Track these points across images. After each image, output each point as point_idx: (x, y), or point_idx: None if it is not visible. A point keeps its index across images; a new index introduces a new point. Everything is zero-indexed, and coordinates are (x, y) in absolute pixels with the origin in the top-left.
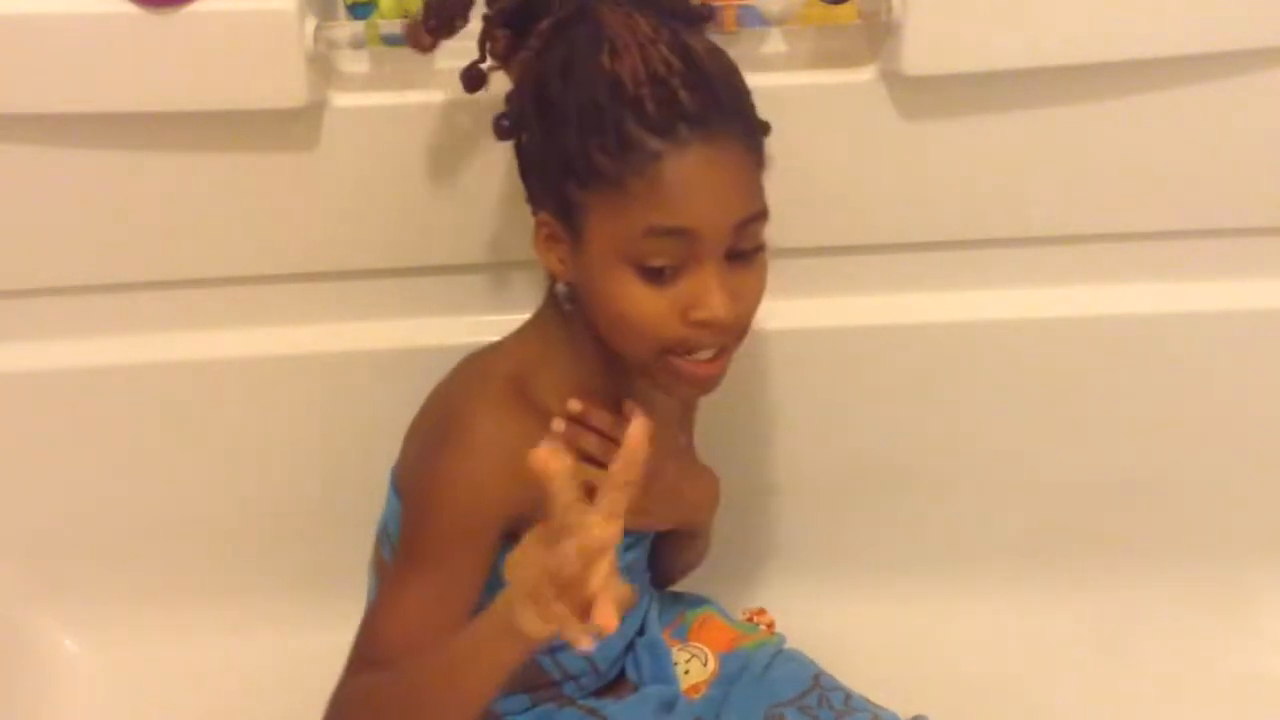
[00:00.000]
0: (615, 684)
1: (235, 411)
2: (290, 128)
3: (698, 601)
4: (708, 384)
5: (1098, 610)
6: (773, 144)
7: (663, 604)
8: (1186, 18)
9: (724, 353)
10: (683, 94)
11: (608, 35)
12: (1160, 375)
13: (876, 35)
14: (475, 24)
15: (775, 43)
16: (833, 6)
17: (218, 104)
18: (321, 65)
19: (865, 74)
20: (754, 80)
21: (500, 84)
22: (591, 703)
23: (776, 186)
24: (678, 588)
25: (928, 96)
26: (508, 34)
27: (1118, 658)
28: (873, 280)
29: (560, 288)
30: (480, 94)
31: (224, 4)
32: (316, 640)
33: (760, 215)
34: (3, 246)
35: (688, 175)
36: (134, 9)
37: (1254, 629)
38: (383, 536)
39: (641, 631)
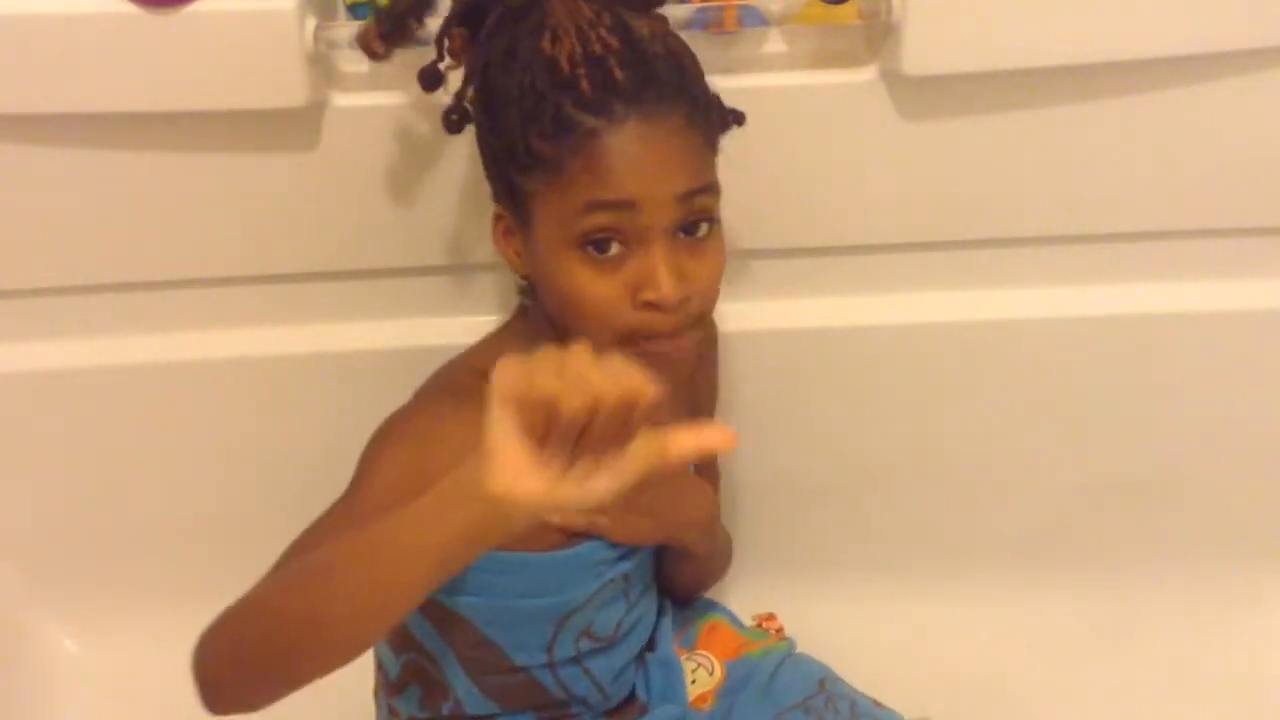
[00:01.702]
0: (624, 705)
1: (235, 411)
2: (290, 128)
3: (706, 608)
4: (677, 367)
5: (1099, 610)
6: (773, 144)
7: (674, 610)
8: (1186, 18)
9: (682, 333)
10: (618, 72)
11: (550, 23)
12: (1160, 375)
13: (876, 35)
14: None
15: (775, 43)
16: (833, 6)
17: (218, 104)
18: (321, 65)
19: (865, 74)
20: (754, 80)
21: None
22: None
23: (777, 187)
24: None
25: (928, 96)
26: (463, 32)
27: (1119, 658)
28: (872, 280)
29: (519, 281)
30: None
31: (224, 4)
32: None
33: (706, 189)
34: (3, 246)
35: (625, 150)
36: (134, 9)
37: (1255, 628)
38: None
39: (653, 648)
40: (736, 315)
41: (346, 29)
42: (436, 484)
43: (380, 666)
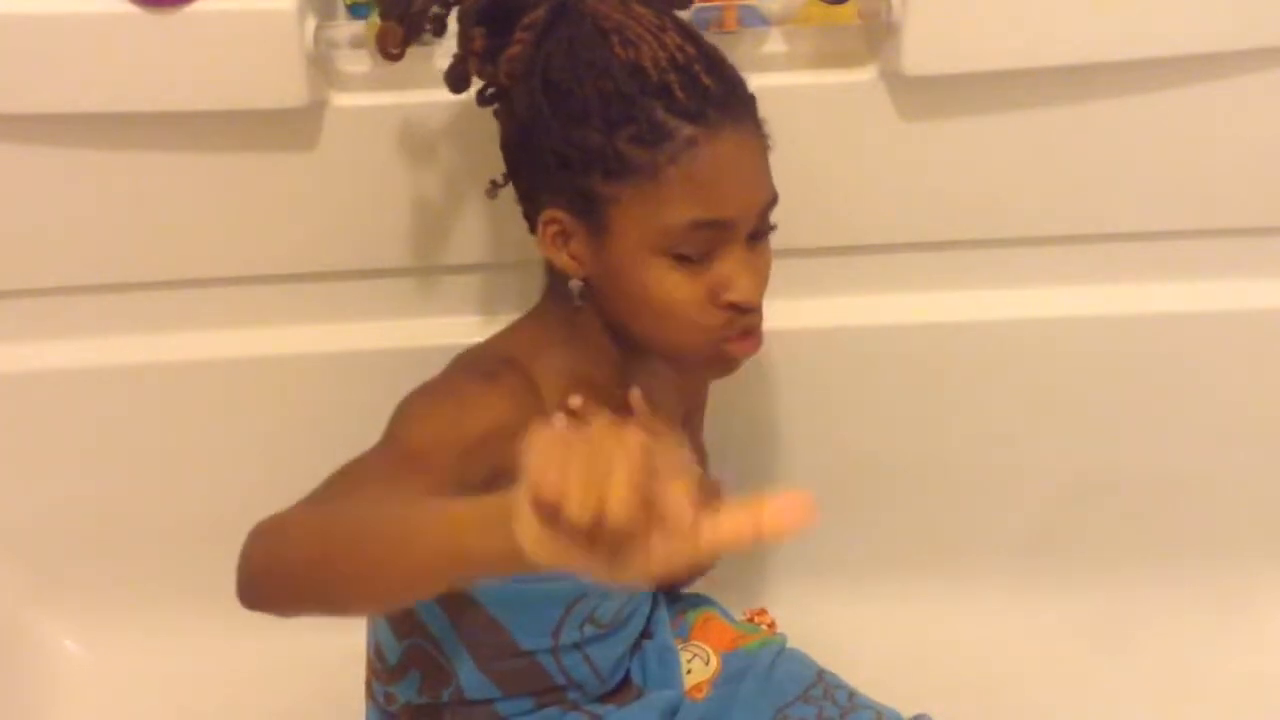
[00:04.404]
0: (619, 689)
1: (235, 411)
2: (290, 128)
3: (699, 601)
4: (747, 359)
5: (1098, 609)
6: (773, 143)
7: (666, 601)
8: (1186, 18)
9: (758, 327)
10: (706, 79)
11: (612, 25)
12: (1160, 375)
13: (876, 35)
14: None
15: (775, 43)
16: (833, 6)
17: (218, 104)
18: (321, 65)
19: (865, 74)
20: (754, 80)
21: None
22: (595, 708)
23: (777, 186)
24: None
25: (928, 96)
26: (484, 31)
27: (1118, 657)
28: (873, 280)
29: (574, 284)
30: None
31: (224, 4)
32: (316, 641)
33: (776, 199)
34: (3, 246)
35: (723, 161)
36: (134, 9)
37: (1254, 629)
38: None
39: (650, 635)
40: None
41: (346, 29)
42: (487, 498)
43: (378, 653)
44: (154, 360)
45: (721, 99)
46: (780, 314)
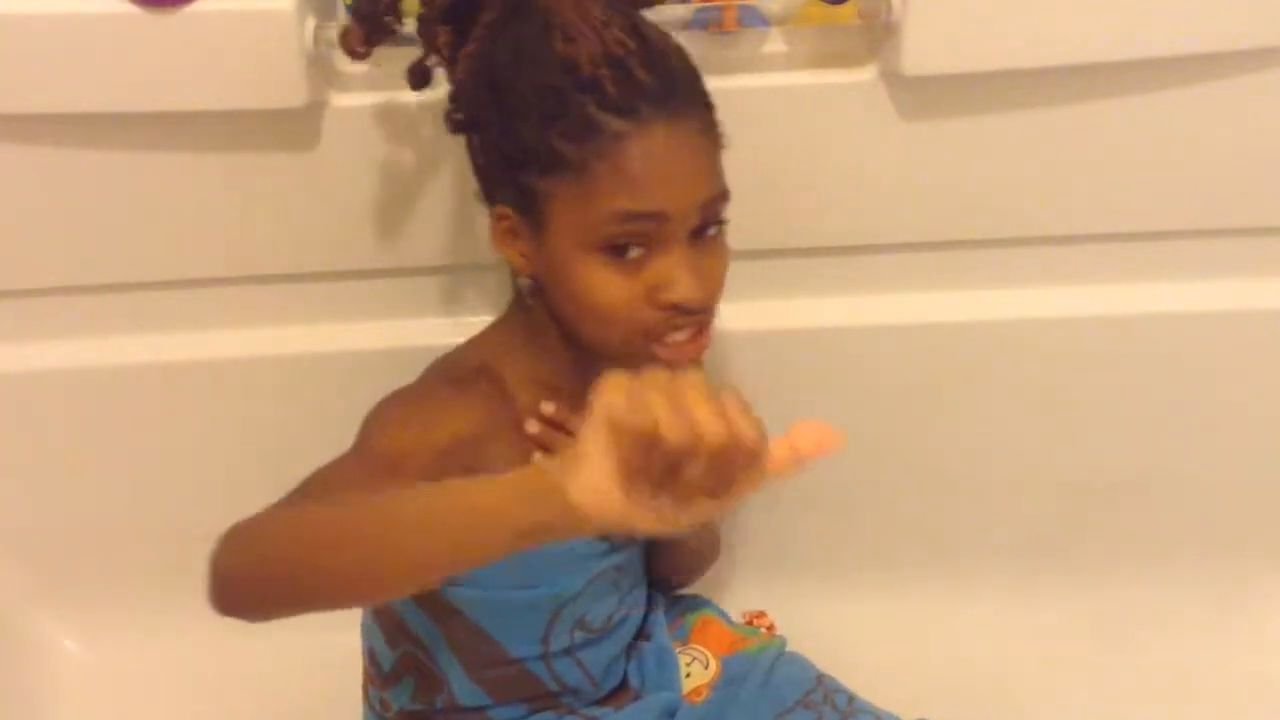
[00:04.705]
0: (616, 692)
1: (235, 411)
2: (290, 128)
3: (697, 604)
4: (690, 366)
5: (1098, 610)
6: (773, 144)
7: (665, 604)
8: (1186, 18)
9: (702, 331)
10: (641, 73)
11: (559, 21)
12: (1160, 375)
13: (876, 35)
14: None
15: (775, 43)
16: (833, 6)
17: (218, 104)
18: (321, 65)
19: (865, 74)
20: (754, 80)
21: None
22: (591, 711)
23: (777, 187)
24: (682, 591)
25: (928, 96)
26: (448, 30)
27: (1119, 658)
28: (873, 280)
29: (523, 282)
30: None
31: (224, 4)
32: (316, 641)
33: (723, 195)
34: (3, 246)
35: (653, 156)
36: (134, 9)
37: (1255, 628)
38: None
39: (648, 637)
40: (736, 315)
41: None
42: (516, 471)
43: (373, 660)
44: (154, 360)
45: (657, 94)
46: (780, 314)
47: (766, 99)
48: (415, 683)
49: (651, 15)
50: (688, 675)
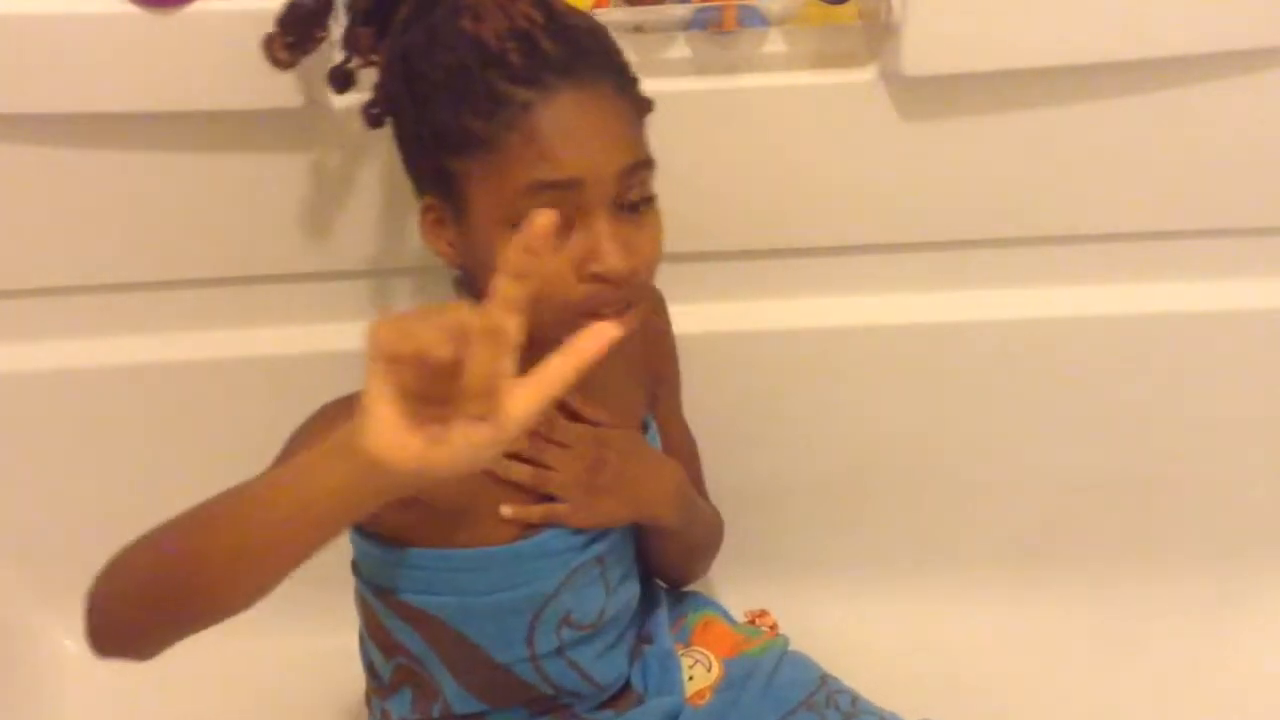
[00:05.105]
0: (619, 697)
1: (235, 412)
2: (289, 128)
3: (699, 604)
4: (625, 342)
5: (1099, 610)
6: (773, 144)
7: (666, 605)
8: (1186, 18)
9: (630, 308)
10: (546, 44)
11: (468, 2)
12: (1160, 375)
13: (876, 35)
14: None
15: (775, 43)
16: (833, 6)
17: (218, 104)
18: (321, 65)
19: (865, 74)
20: (754, 80)
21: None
22: (594, 715)
23: (777, 186)
24: (685, 589)
25: (928, 96)
26: (370, 31)
27: (1120, 658)
28: (872, 280)
29: (455, 274)
30: None
31: (224, 4)
32: (316, 641)
33: (645, 164)
34: (3, 246)
35: (562, 123)
36: (134, 9)
37: (1255, 628)
38: (355, 571)
39: (650, 640)
40: (737, 315)
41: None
42: (338, 432)
43: (372, 672)
44: (154, 360)
45: (563, 62)
46: (780, 314)
47: (766, 99)
48: (413, 692)
49: (651, 15)
50: (690, 678)
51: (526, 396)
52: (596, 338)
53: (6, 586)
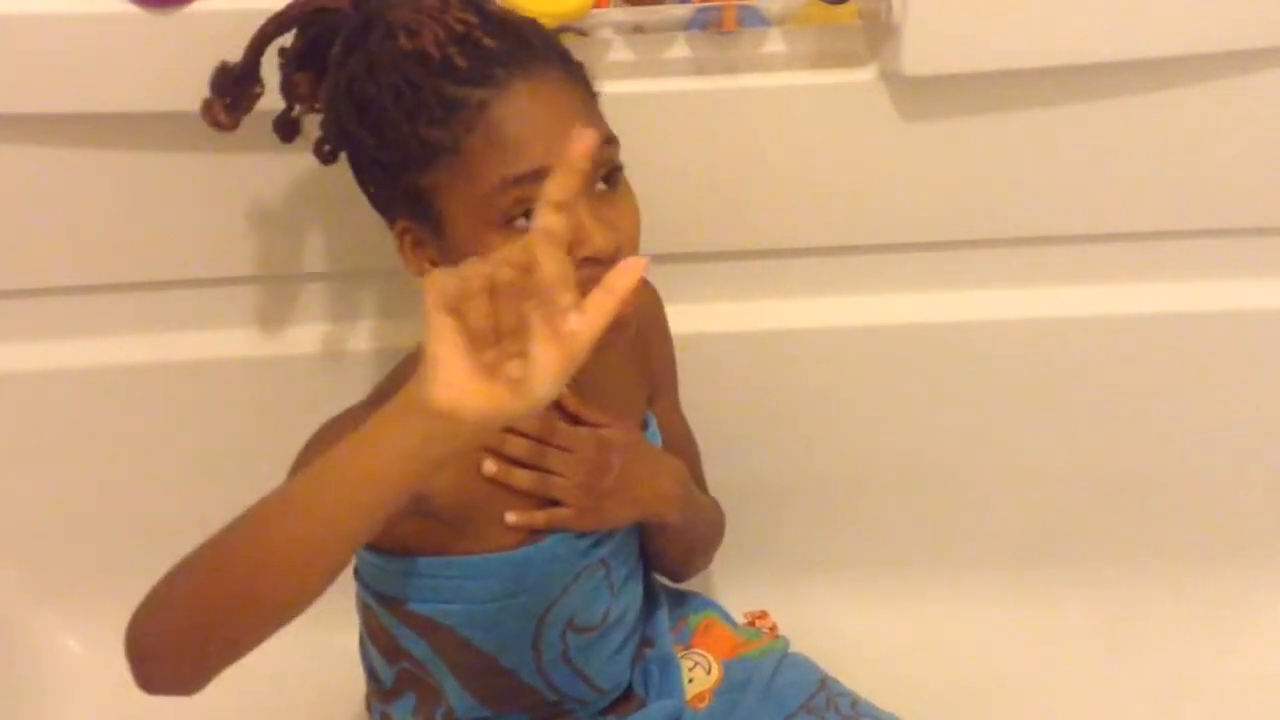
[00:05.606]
0: (621, 701)
1: (235, 411)
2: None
3: (700, 605)
4: (622, 324)
5: (1100, 610)
6: (773, 144)
7: (667, 607)
8: (1186, 18)
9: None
10: (488, 41)
11: (400, 22)
12: (1160, 375)
13: (876, 35)
14: None
15: (775, 43)
16: (833, 6)
17: None
18: None
19: (865, 74)
20: (754, 80)
21: None
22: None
23: (777, 186)
24: (682, 586)
25: (928, 96)
26: (307, 76)
27: (1121, 658)
28: (873, 280)
29: None
30: None
31: (224, 4)
32: (316, 641)
33: (610, 140)
34: (3, 246)
35: (521, 115)
36: (134, 9)
37: (1255, 629)
38: (358, 577)
39: (651, 644)
40: (737, 315)
41: None
42: (391, 401)
43: (373, 676)
44: (154, 360)
45: (507, 55)
46: (780, 314)
47: (766, 99)
48: (416, 697)
49: (652, 15)
50: (690, 681)
51: (589, 314)
52: (628, 273)
53: (6, 586)
